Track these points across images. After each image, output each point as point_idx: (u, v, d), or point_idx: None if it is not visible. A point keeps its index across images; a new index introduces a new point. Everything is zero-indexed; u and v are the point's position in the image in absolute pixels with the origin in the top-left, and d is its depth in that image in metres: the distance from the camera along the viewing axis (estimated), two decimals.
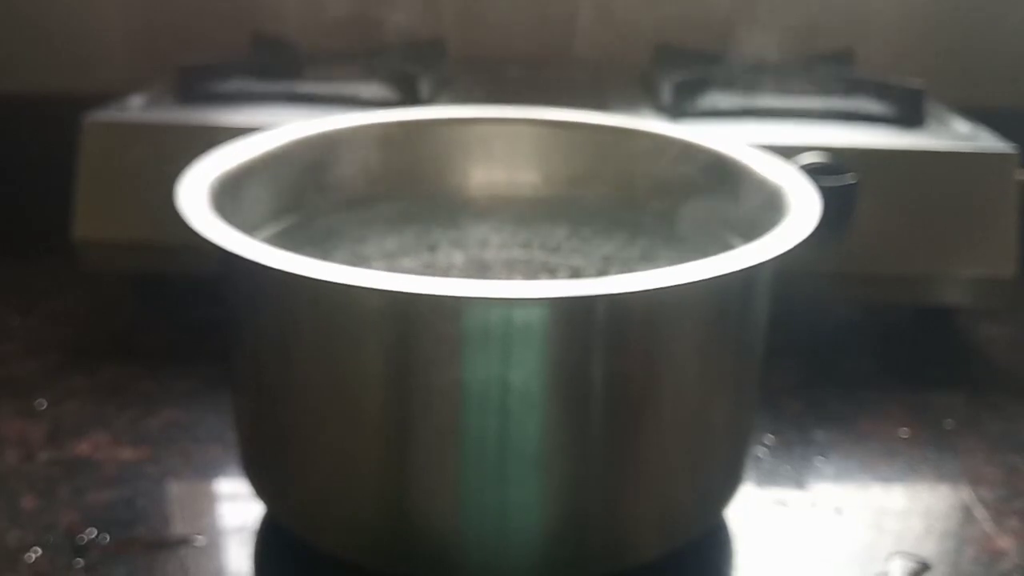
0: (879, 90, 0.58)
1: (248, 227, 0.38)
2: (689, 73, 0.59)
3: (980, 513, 0.39)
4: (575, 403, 0.29)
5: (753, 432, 0.37)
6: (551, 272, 0.42)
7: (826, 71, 0.64)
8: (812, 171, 0.49)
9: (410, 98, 0.59)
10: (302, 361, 0.31)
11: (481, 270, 0.41)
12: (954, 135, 0.53)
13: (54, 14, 0.75)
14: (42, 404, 0.45)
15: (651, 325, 0.29)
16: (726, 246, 0.39)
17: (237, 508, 0.38)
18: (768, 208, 0.36)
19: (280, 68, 0.64)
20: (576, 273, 0.41)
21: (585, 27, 0.76)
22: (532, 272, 0.40)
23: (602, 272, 0.41)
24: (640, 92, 0.64)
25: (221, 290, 0.33)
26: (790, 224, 0.32)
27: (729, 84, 0.62)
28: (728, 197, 0.39)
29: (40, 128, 0.70)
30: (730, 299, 0.31)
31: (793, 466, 0.42)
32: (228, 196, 0.35)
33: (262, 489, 0.35)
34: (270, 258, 0.28)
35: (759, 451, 0.42)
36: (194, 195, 0.32)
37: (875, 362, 0.51)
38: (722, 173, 0.40)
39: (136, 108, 0.57)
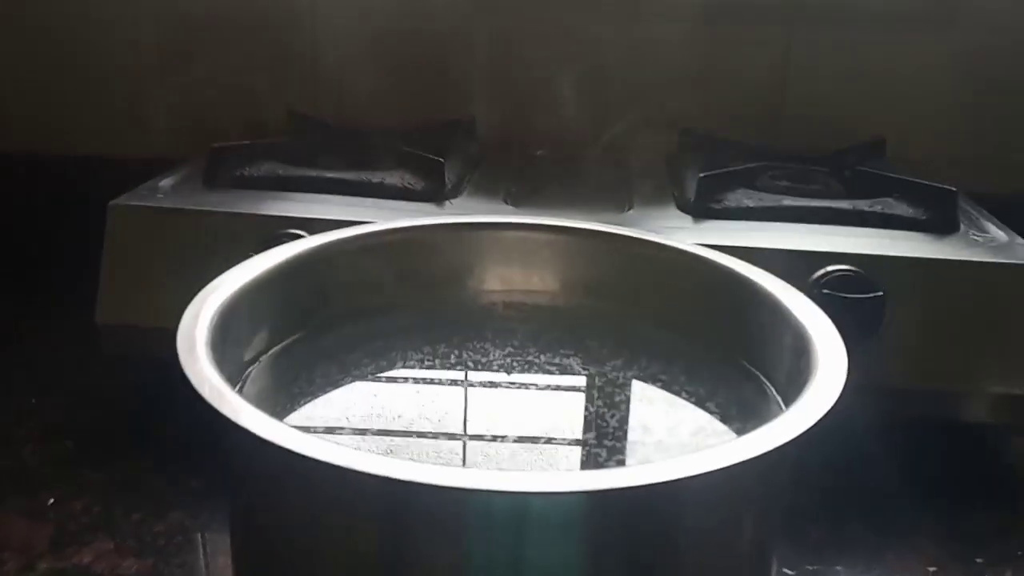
0: (911, 191, 0.56)
1: (261, 341, 0.38)
2: (714, 165, 0.59)
3: None
4: None
5: None
6: (567, 404, 0.40)
7: (856, 169, 0.62)
8: (838, 282, 0.48)
9: (436, 186, 0.58)
10: (293, 536, 0.29)
11: (496, 399, 0.40)
12: (989, 243, 0.52)
13: (99, 83, 0.77)
14: (50, 501, 0.45)
15: (667, 514, 0.27)
16: (744, 374, 0.38)
17: None
18: (791, 347, 0.35)
19: (312, 152, 0.64)
20: (595, 412, 0.39)
21: (616, 109, 0.76)
22: (546, 407, 0.39)
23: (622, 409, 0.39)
24: (665, 182, 0.63)
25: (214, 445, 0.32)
26: (816, 390, 0.30)
27: (756, 179, 0.61)
28: (747, 323, 0.38)
29: (67, 196, 0.72)
30: (750, 479, 0.29)
31: None
32: (235, 317, 0.35)
33: None
34: (260, 427, 0.26)
35: None
36: (192, 336, 0.32)
37: (903, 484, 0.49)
38: (742, 298, 0.39)
39: (163, 191, 0.58)
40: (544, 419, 0.36)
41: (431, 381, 0.39)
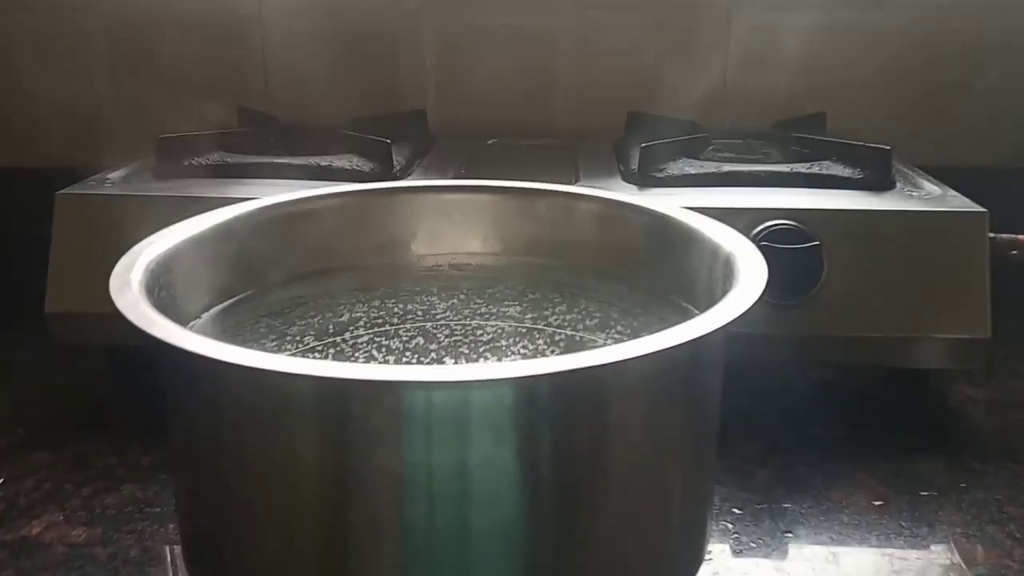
0: (846, 153, 0.58)
1: (201, 299, 0.39)
2: (658, 139, 0.60)
3: None
4: (520, 485, 0.28)
5: (711, 508, 0.36)
6: (511, 343, 0.41)
7: (795, 137, 0.64)
8: (776, 235, 0.50)
9: (384, 168, 0.59)
10: (234, 452, 0.29)
11: (441, 342, 0.41)
12: (923, 196, 0.53)
13: (46, 90, 0.77)
14: (0, 480, 0.45)
15: (597, 403, 0.28)
16: (677, 310, 0.38)
17: None
18: (721, 276, 0.36)
19: (261, 141, 0.65)
20: (534, 349, 0.40)
21: (565, 99, 0.77)
22: (491, 344, 0.40)
23: (562, 346, 0.40)
24: (612, 161, 0.64)
25: (156, 378, 0.32)
26: (734, 296, 0.31)
27: (698, 151, 0.62)
28: (680, 263, 0.39)
29: (27, 202, 0.72)
30: (677, 373, 0.30)
31: (762, 539, 0.40)
32: (174, 270, 0.35)
33: None
34: (195, 344, 0.27)
35: (726, 523, 0.41)
36: (127, 279, 0.32)
37: (848, 428, 0.50)
38: (674, 239, 0.40)
39: (111, 182, 0.58)
40: (486, 352, 0.37)
41: (379, 328, 0.39)
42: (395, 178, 0.58)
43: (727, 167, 0.57)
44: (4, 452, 0.48)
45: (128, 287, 0.31)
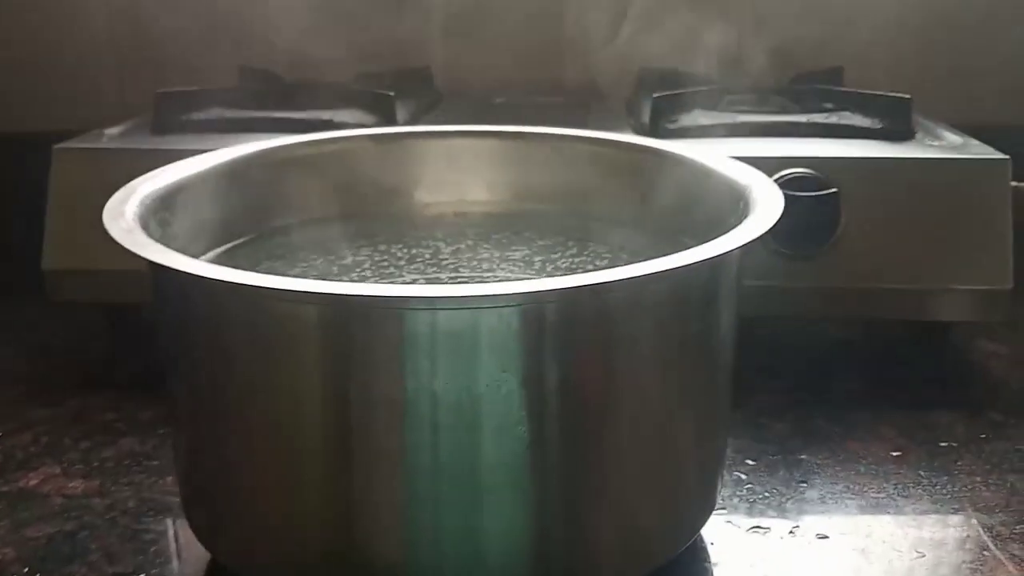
0: (865, 104, 0.56)
1: (199, 242, 0.37)
2: (670, 92, 0.58)
3: (980, 539, 0.36)
4: (527, 414, 0.27)
5: (724, 452, 0.35)
6: None
7: (811, 88, 0.62)
8: (793, 183, 0.48)
9: (388, 122, 0.58)
10: (235, 380, 0.28)
11: (447, 284, 0.39)
12: (944, 145, 0.52)
13: (48, 54, 0.76)
14: None
15: (605, 324, 0.27)
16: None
17: (182, 545, 0.36)
18: (736, 212, 0.35)
19: (261, 97, 0.63)
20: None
21: (575, 56, 0.75)
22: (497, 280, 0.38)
23: None
24: (624, 116, 0.63)
25: (153, 315, 0.31)
26: (748, 223, 0.30)
27: (712, 103, 0.60)
28: (694, 204, 0.38)
29: (27, 164, 0.70)
30: (688, 296, 0.29)
31: (777, 489, 0.39)
32: (168, 211, 0.34)
33: (201, 530, 0.33)
34: (190, 265, 0.26)
35: (741, 473, 0.40)
36: (122, 211, 0.31)
37: (867, 381, 0.49)
38: (687, 179, 0.38)
39: (109, 137, 0.57)
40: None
41: (384, 272, 0.38)
42: None
43: (742, 118, 0.56)
44: (1, 409, 0.47)
45: (122, 217, 0.30)
